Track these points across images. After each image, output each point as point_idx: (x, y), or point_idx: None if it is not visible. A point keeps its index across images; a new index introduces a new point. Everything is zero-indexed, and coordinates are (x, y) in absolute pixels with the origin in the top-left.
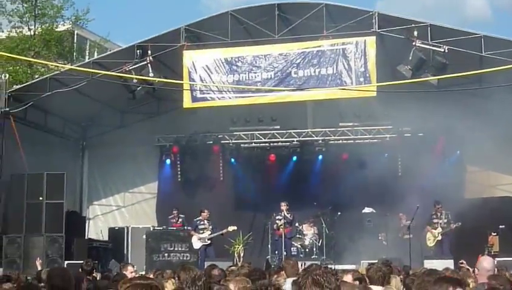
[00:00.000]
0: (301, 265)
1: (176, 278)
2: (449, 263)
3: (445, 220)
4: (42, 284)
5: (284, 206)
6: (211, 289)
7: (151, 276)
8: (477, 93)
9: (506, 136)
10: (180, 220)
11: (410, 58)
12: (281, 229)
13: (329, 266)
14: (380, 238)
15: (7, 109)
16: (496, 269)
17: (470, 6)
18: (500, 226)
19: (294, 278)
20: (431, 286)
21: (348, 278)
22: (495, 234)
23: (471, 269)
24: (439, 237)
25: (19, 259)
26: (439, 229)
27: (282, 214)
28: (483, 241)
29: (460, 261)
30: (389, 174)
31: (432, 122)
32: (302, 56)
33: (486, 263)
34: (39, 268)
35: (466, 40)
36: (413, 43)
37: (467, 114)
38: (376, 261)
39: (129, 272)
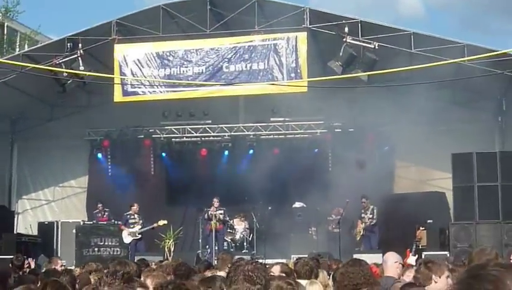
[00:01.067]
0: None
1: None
2: (378, 257)
3: (370, 215)
4: None
5: (216, 202)
6: (130, 281)
7: (78, 270)
8: (406, 90)
9: (435, 132)
10: (105, 214)
11: (341, 54)
12: (211, 224)
13: (259, 260)
14: (310, 232)
15: None
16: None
17: (403, 4)
18: (428, 221)
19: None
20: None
21: (276, 269)
22: (423, 228)
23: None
24: (362, 232)
25: None
26: (363, 225)
27: (212, 209)
28: (411, 235)
29: None
30: (319, 169)
31: (362, 118)
32: (233, 51)
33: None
34: None
35: (396, 36)
36: (344, 39)
37: (396, 110)
38: (306, 255)
39: (58, 266)
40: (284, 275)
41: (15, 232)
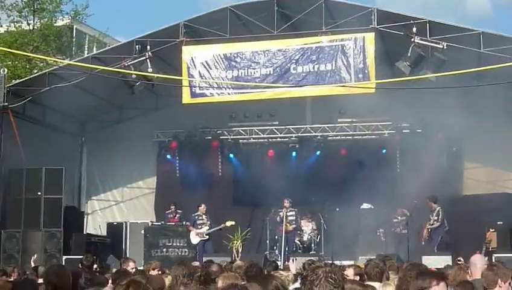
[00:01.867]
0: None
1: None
2: (447, 259)
3: (435, 217)
4: (41, 280)
5: (286, 203)
6: (207, 284)
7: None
8: (475, 90)
9: (505, 132)
10: (177, 215)
11: (409, 54)
12: (283, 226)
13: (327, 261)
14: (378, 234)
15: (6, 104)
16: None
17: (470, 3)
18: (498, 223)
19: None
20: (413, 280)
21: (350, 273)
22: (493, 230)
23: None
24: (427, 233)
25: (17, 254)
26: (428, 226)
27: (284, 210)
28: (481, 237)
29: (458, 259)
30: (387, 170)
31: (430, 119)
32: (301, 52)
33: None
34: (33, 265)
35: (465, 36)
36: (412, 40)
37: (465, 111)
38: (374, 257)
39: (130, 267)
40: (357, 277)
41: (85, 232)
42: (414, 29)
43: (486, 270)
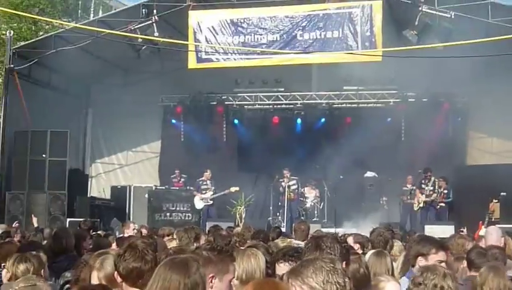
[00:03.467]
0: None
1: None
2: (450, 229)
3: (431, 188)
4: (45, 241)
5: (286, 173)
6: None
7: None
8: (482, 60)
9: (511, 103)
10: (182, 180)
11: (416, 23)
12: (286, 194)
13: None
14: (381, 202)
15: (11, 66)
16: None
17: None
18: (502, 193)
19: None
20: (416, 245)
21: (349, 241)
22: (496, 201)
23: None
24: (422, 205)
25: (21, 215)
26: (423, 197)
27: (286, 180)
28: (484, 208)
29: (460, 229)
30: (392, 139)
31: (437, 88)
32: (308, 19)
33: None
34: (35, 225)
35: (473, 6)
36: (420, 8)
37: (471, 81)
38: (377, 225)
39: (130, 229)
40: (357, 245)
41: (89, 195)
42: None
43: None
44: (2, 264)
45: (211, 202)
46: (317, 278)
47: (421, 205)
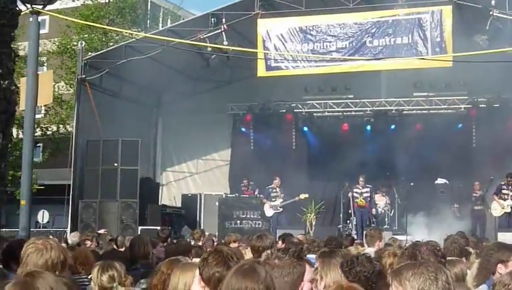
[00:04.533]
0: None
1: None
2: None
3: None
4: (121, 249)
5: (361, 180)
6: (300, 258)
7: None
8: None
9: None
10: (250, 188)
11: (487, 28)
12: (358, 201)
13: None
14: (452, 209)
15: (83, 76)
16: None
17: None
18: None
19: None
20: (495, 252)
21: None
22: None
23: None
24: (508, 209)
25: (94, 223)
26: (509, 201)
27: (360, 187)
28: None
29: None
30: (463, 146)
31: (508, 94)
32: (377, 25)
33: None
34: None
35: None
36: (491, 13)
37: None
38: (449, 233)
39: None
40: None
41: (160, 203)
42: (493, 2)
43: None
44: (89, 276)
45: (281, 209)
46: (412, 283)
47: (507, 210)
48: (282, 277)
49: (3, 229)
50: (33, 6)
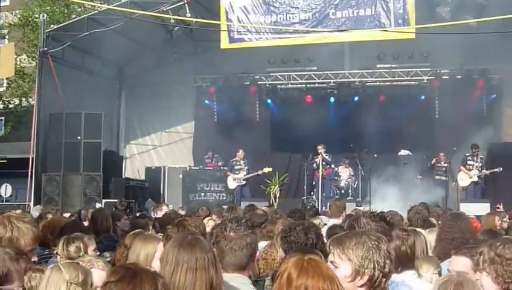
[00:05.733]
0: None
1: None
2: (485, 207)
3: (481, 164)
4: (85, 223)
5: (321, 149)
6: (253, 228)
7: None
8: None
9: None
10: (215, 160)
11: None
12: (320, 171)
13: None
14: (416, 180)
15: (45, 49)
16: None
17: None
18: None
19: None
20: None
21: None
22: None
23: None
24: (475, 179)
25: (57, 197)
26: (475, 172)
27: (320, 156)
28: None
29: (497, 206)
30: (425, 117)
31: (471, 65)
32: None
33: None
34: None
35: None
36: None
37: (506, 57)
38: (412, 204)
39: (163, 211)
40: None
41: (123, 176)
42: None
43: None
44: (55, 252)
45: (244, 182)
46: (356, 252)
47: (474, 179)
48: (240, 249)
49: None
50: None
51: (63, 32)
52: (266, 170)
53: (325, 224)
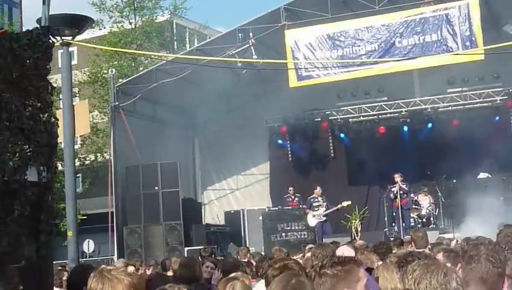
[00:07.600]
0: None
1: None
2: None
3: None
4: (170, 273)
5: (398, 177)
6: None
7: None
8: None
9: None
10: (296, 199)
11: None
12: (397, 201)
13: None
14: (498, 203)
15: (116, 103)
16: None
17: None
18: None
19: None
20: None
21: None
22: None
23: None
24: None
25: (140, 249)
26: None
27: (397, 186)
28: None
29: None
30: (502, 138)
31: None
32: (405, 25)
33: None
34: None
35: None
36: None
37: None
38: (497, 227)
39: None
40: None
41: (203, 223)
42: None
43: None
44: None
45: (324, 218)
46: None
47: None
48: (337, 285)
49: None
50: (63, 38)
51: (132, 85)
52: (345, 203)
53: None
